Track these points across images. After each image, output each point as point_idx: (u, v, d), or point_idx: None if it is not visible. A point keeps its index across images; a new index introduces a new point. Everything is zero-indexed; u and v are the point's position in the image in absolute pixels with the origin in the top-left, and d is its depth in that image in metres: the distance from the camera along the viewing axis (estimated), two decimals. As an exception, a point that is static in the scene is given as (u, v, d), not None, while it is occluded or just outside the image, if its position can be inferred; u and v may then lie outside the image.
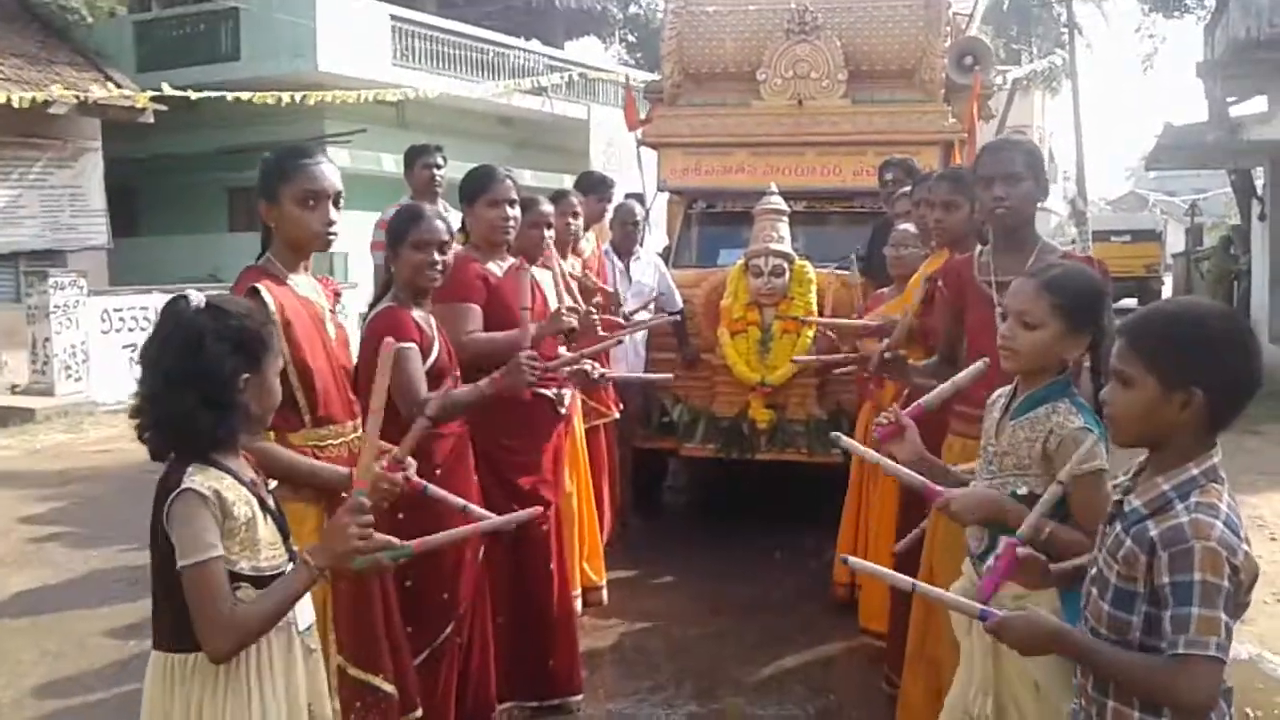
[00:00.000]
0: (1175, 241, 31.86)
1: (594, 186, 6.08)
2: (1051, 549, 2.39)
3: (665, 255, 7.42)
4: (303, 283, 2.90)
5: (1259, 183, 17.55)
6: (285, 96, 15.19)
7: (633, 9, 30.88)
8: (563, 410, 3.98)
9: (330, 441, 2.85)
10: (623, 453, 6.21)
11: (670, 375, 4.64)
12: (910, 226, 4.91)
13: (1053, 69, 31.92)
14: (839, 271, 6.42)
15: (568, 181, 6.45)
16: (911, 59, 7.53)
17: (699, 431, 6.38)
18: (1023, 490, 2.46)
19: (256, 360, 2.14)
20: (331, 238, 2.87)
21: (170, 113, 15.52)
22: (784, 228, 6.33)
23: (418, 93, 17.41)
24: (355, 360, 3.19)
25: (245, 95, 14.84)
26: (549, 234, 4.51)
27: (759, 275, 6.17)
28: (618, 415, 5.65)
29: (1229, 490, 1.90)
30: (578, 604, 4.81)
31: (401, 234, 3.38)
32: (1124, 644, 1.89)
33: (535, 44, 22.28)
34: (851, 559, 2.41)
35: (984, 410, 3.23)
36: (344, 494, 2.75)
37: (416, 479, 2.93)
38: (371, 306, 3.54)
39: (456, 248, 3.86)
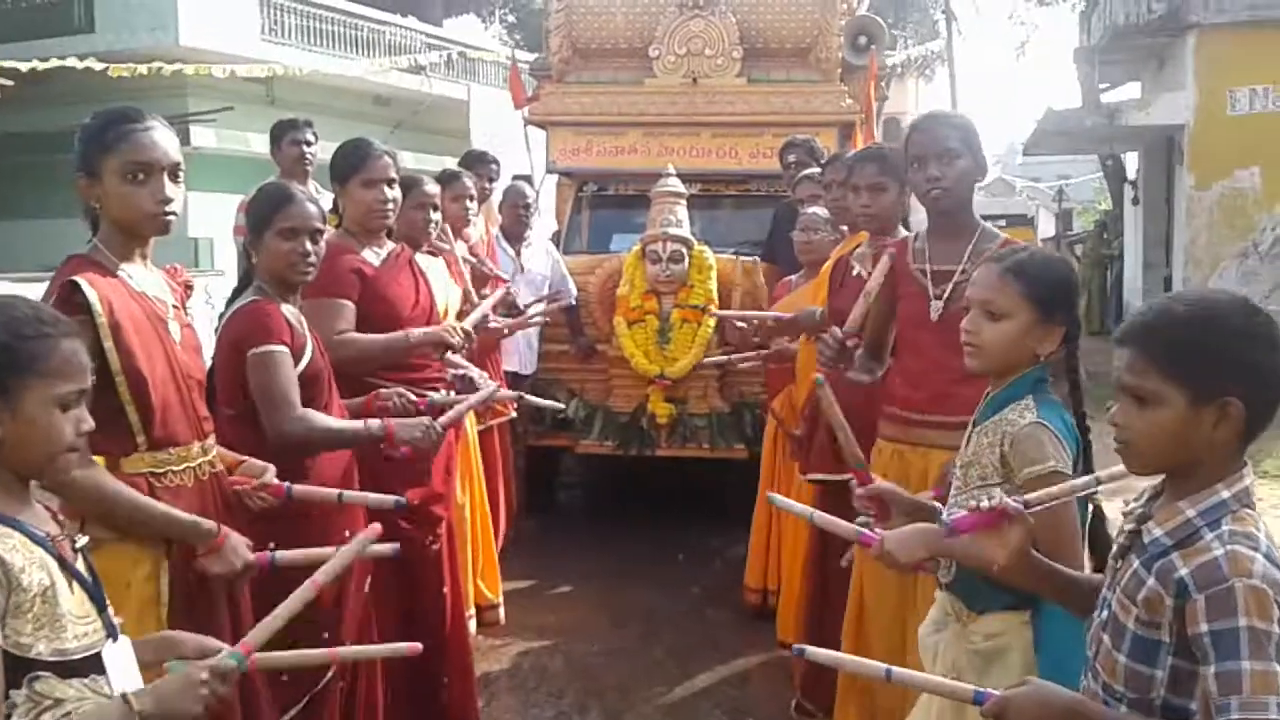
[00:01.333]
0: (1044, 226, 32.64)
1: (476, 164, 5.62)
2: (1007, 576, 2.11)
3: (555, 240, 7.07)
4: (139, 274, 2.43)
5: (1131, 168, 17.98)
6: (143, 69, 14.27)
7: (513, -12, 30.24)
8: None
9: (172, 467, 2.38)
10: (515, 451, 5.82)
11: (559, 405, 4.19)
12: (820, 210, 4.63)
13: (927, 56, 32.33)
14: (744, 258, 6.14)
15: (449, 164, 6.00)
16: (807, 37, 7.30)
17: (595, 427, 6.07)
18: (987, 505, 2.16)
19: (2, 385, 1.64)
20: (169, 218, 2.40)
21: (18, 88, 14.39)
22: (682, 211, 6.05)
23: (288, 69, 16.58)
24: (209, 366, 2.76)
25: (98, 67, 13.88)
26: (435, 217, 4.10)
27: (657, 261, 5.88)
28: (514, 414, 5.25)
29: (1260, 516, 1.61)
30: (471, 625, 4.41)
31: (265, 218, 2.92)
32: (1144, 703, 1.58)
33: (412, 21, 21.50)
34: (809, 649, 2.04)
35: (916, 412, 2.97)
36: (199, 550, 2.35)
37: (277, 482, 2.55)
38: (230, 300, 3.07)
39: (329, 232, 3.43)
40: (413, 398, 3.24)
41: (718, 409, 5.99)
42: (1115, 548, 1.72)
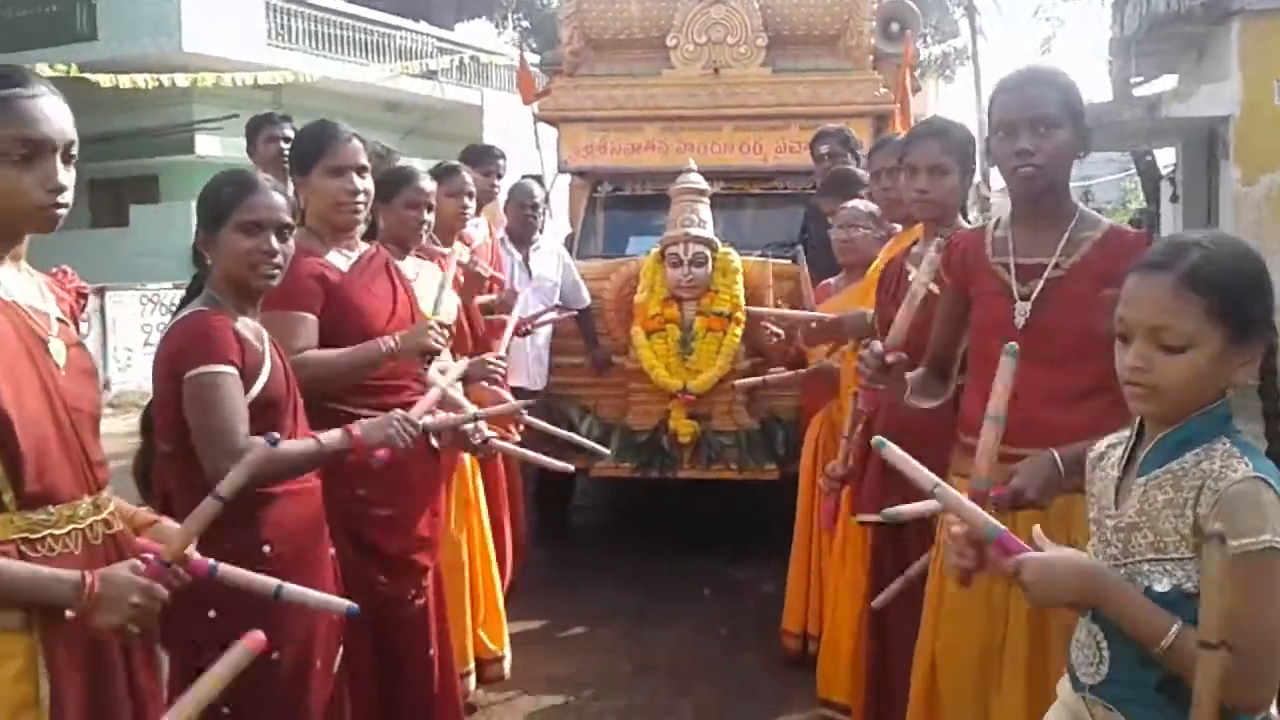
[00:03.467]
0: (1072, 226, 31.97)
1: (479, 159, 5.08)
2: (1180, 665, 1.54)
3: (568, 245, 6.58)
4: (10, 279, 1.89)
5: (1166, 165, 17.35)
6: (150, 80, 13.90)
7: (526, -9, 29.78)
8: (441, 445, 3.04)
9: (51, 531, 1.82)
10: (524, 474, 5.28)
11: (570, 467, 3.65)
12: (860, 203, 4.11)
13: (946, 55, 31.76)
14: (776, 261, 5.60)
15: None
16: (836, 22, 6.81)
17: (612, 447, 5.52)
18: (1163, 585, 1.57)
19: None
20: (60, 210, 1.88)
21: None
22: (705, 210, 5.55)
23: (297, 76, 16.21)
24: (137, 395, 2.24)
25: (103, 78, 13.47)
26: (429, 217, 3.60)
27: (678, 265, 5.37)
28: (519, 439, 4.70)
29: None
30: (470, 681, 3.88)
31: (222, 210, 2.40)
32: None
33: (423, 25, 21.08)
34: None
35: (1002, 443, 2.41)
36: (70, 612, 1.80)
37: (198, 557, 1.96)
38: (176, 312, 2.57)
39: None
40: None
41: (746, 426, 5.46)
42: None
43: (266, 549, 2.32)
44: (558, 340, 5.55)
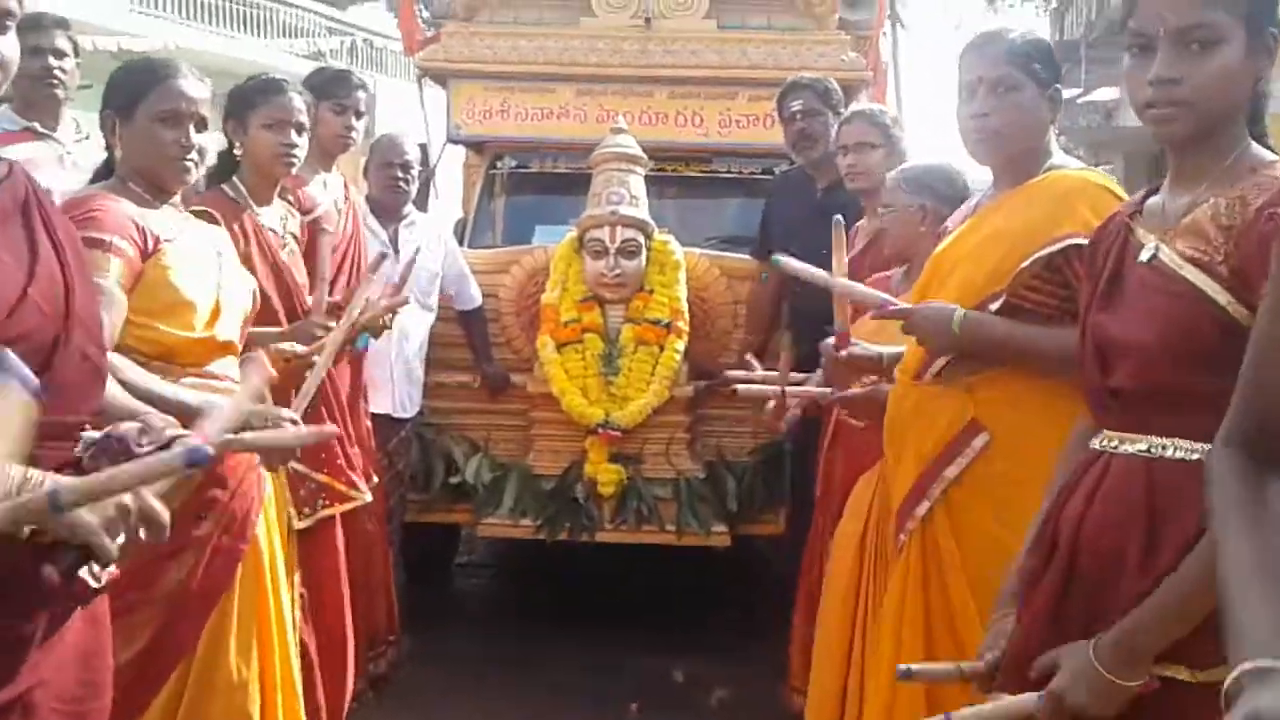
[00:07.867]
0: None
1: (330, 88, 3.50)
2: None
3: (458, 234, 5.35)
4: None
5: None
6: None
7: (427, -24, 28.60)
8: (96, 581, 1.44)
9: None
10: (389, 533, 3.86)
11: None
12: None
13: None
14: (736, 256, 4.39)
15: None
16: (795, -28, 5.72)
17: (507, 497, 4.26)
18: None
19: None
20: None
21: None
22: (638, 184, 4.43)
23: (164, 46, 14.73)
24: None
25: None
26: (198, 141, 2.17)
27: (601, 255, 4.21)
28: (368, 496, 3.24)
29: None
30: None
31: None
32: None
33: (311, 3, 19.68)
34: None
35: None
36: None
37: None
38: None
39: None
40: None
41: (687, 472, 4.18)
42: None
43: None
44: (437, 351, 4.25)
